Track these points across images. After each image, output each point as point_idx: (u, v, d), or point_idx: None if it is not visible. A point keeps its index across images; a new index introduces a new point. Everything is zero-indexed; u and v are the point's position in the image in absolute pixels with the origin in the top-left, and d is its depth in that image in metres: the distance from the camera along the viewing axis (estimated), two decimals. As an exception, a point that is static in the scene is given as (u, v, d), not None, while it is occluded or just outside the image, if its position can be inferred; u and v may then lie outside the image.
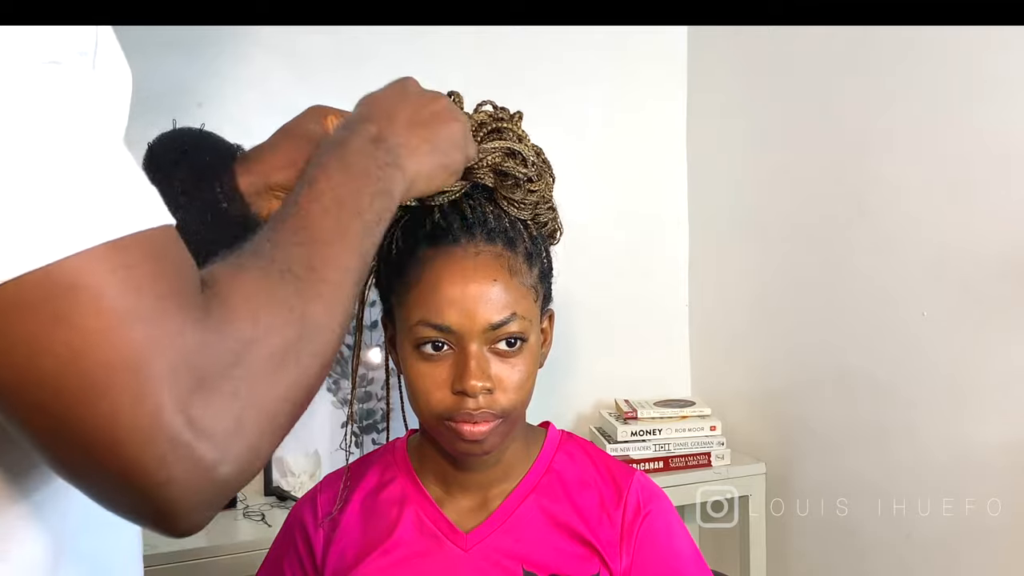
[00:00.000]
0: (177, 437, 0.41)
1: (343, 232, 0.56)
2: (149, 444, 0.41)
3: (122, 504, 0.44)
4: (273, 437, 0.48)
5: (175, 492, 0.42)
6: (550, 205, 0.90)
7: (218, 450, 0.43)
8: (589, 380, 1.99)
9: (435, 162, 0.70)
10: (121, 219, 0.42)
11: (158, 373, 0.41)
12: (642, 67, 2.04)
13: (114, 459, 0.41)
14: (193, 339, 0.43)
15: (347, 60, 1.78)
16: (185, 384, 0.42)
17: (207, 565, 1.46)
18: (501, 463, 0.89)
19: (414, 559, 0.87)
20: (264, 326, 0.47)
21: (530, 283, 0.85)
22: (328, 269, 0.53)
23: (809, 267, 1.75)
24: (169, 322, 0.42)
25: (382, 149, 0.64)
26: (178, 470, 0.42)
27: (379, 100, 0.70)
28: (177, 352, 0.42)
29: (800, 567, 1.80)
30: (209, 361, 0.43)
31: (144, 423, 0.40)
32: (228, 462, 0.44)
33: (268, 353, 0.47)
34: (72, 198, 0.41)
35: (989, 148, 1.38)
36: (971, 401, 1.43)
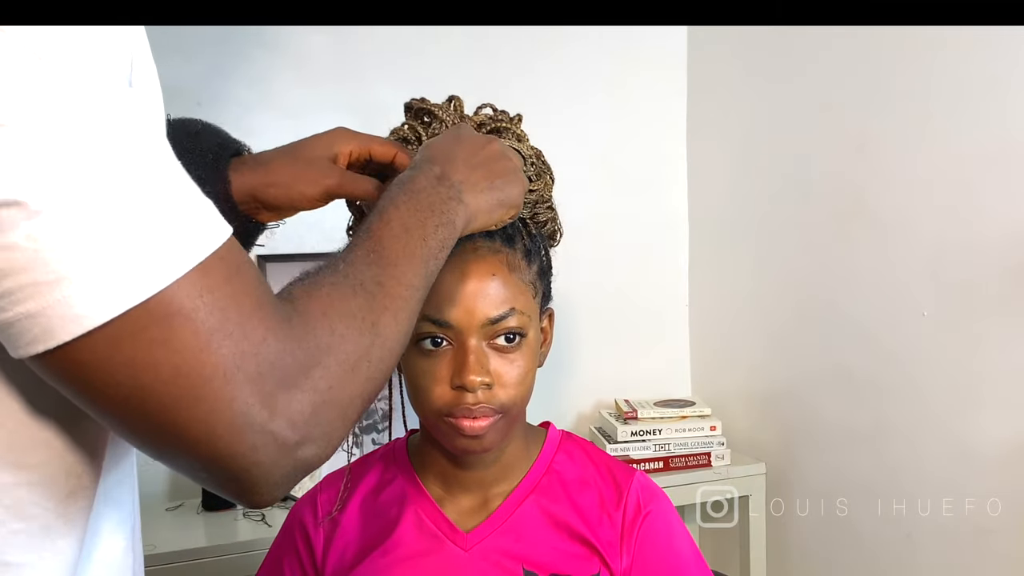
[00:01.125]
0: (264, 429, 0.48)
1: (410, 255, 0.63)
2: (241, 437, 0.48)
3: (214, 482, 0.51)
4: (344, 427, 0.55)
5: (261, 472, 0.49)
6: (549, 205, 0.90)
7: (298, 434, 0.50)
8: (589, 380, 2.00)
9: (493, 198, 0.75)
10: (200, 243, 0.47)
11: (246, 379, 0.47)
12: (642, 67, 2.04)
13: (211, 452, 0.48)
14: (276, 347, 0.49)
15: (347, 60, 1.78)
16: (270, 385, 0.48)
17: (207, 565, 1.46)
18: (501, 462, 0.90)
19: (414, 559, 0.87)
20: (339, 335, 0.54)
21: (528, 279, 0.86)
22: (396, 286, 0.60)
23: (809, 267, 1.75)
24: (253, 334, 0.48)
25: (444, 186, 0.70)
26: (264, 456, 0.49)
27: (439, 145, 0.76)
28: (262, 359, 0.48)
29: (800, 567, 1.80)
30: (290, 364, 0.50)
31: (237, 421, 0.47)
32: (306, 447, 0.51)
33: (343, 358, 0.54)
34: (159, 231, 0.46)
35: (989, 148, 1.38)
36: (971, 401, 1.43)
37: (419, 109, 0.88)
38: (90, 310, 0.43)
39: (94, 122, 0.44)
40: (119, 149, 0.45)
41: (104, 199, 0.44)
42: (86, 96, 0.44)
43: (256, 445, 0.48)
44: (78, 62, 0.44)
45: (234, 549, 1.49)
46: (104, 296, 0.43)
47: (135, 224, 0.45)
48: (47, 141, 0.43)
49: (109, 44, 0.47)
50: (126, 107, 0.46)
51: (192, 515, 1.62)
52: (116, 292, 0.44)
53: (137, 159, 0.46)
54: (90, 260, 0.43)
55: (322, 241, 1.76)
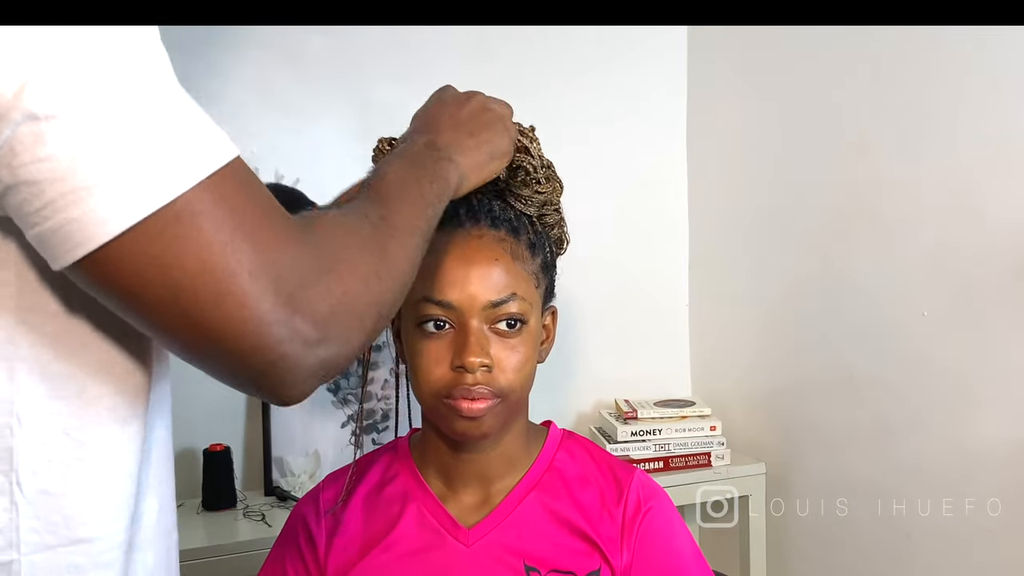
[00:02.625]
0: (287, 324, 0.52)
1: (409, 200, 0.67)
2: (268, 330, 0.51)
3: (245, 377, 0.54)
4: (361, 332, 0.58)
5: (288, 364, 0.53)
6: (556, 208, 0.91)
7: (319, 332, 0.53)
8: (589, 380, 2.00)
9: (482, 153, 0.79)
10: (215, 155, 0.51)
11: (268, 277, 0.51)
12: (642, 67, 2.04)
13: (241, 345, 0.51)
14: (292, 251, 0.53)
15: (347, 60, 1.78)
16: (290, 285, 0.52)
17: (207, 565, 1.46)
18: (502, 456, 0.90)
19: (416, 555, 0.87)
20: (352, 250, 0.58)
21: (532, 270, 0.87)
22: (399, 220, 0.65)
23: (809, 267, 1.75)
24: (271, 237, 0.52)
25: (433, 149, 0.75)
26: (289, 348, 0.52)
27: (424, 114, 0.81)
28: (281, 261, 0.52)
29: (800, 567, 1.80)
30: (306, 267, 0.53)
31: (263, 316, 0.51)
32: (327, 342, 0.54)
33: (355, 269, 0.57)
34: (179, 141, 0.50)
35: (988, 147, 1.38)
36: (971, 401, 1.43)
37: None
38: (121, 213, 0.47)
39: (124, 48, 0.50)
40: (144, 74, 0.50)
41: (131, 113, 0.48)
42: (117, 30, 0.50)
43: (282, 338, 0.51)
44: None
45: (234, 549, 1.49)
46: (133, 199, 0.47)
47: (158, 135, 0.49)
48: (83, 63, 0.47)
49: None
50: (149, 44, 0.52)
51: (192, 515, 1.62)
52: (143, 195, 0.48)
53: (158, 84, 0.51)
54: (120, 167, 0.47)
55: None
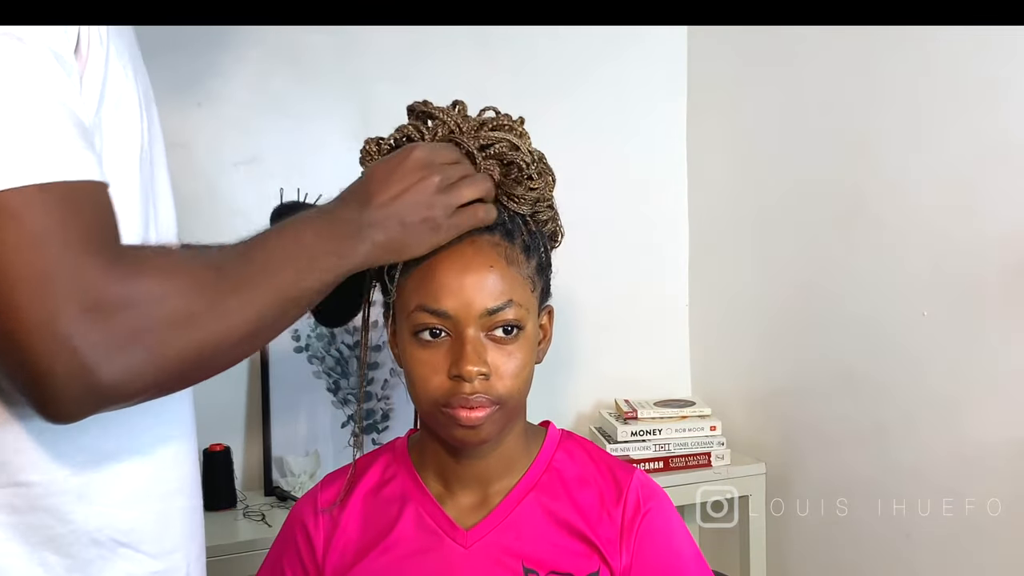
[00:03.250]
0: (65, 340, 0.52)
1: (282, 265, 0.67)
2: (42, 340, 0.51)
3: (16, 386, 0.55)
4: (156, 375, 0.58)
5: (56, 383, 0.53)
6: (549, 204, 0.91)
7: (97, 360, 0.53)
8: (589, 380, 2.00)
9: (403, 245, 0.78)
10: (51, 168, 0.52)
11: (59, 290, 0.52)
12: (642, 67, 2.04)
13: (13, 346, 0.52)
14: (95, 274, 0.53)
15: (347, 60, 1.78)
16: (81, 304, 0.52)
17: (207, 565, 1.45)
18: (501, 458, 0.90)
19: (415, 556, 0.87)
20: (173, 289, 0.58)
21: (527, 274, 0.86)
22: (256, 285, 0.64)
23: (809, 267, 1.75)
24: (77, 255, 0.52)
25: (355, 224, 0.75)
26: (61, 367, 0.52)
27: (374, 175, 0.79)
28: (78, 279, 0.52)
29: (800, 567, 1.80)
30: (106, 295, 0.53)
31: (42, 325, 0.51)
32: (106, 372, 0.54)
33: (170, 310, 0.57)
34: (18, 143, 0.51)
35: (989, 148, 1.38)
36: (971, 401, 1.43)
37: (421, 112, 0.89)
38: None
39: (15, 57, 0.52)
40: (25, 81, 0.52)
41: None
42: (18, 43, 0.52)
43: (55, 353, 0.52)
44: None
45: (234, 549, 1.49)
46: None
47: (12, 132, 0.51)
48: None
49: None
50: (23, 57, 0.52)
51: (192, 515, 1.62)
52: None
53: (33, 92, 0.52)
54: None
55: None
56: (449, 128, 0.87)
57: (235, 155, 1.70)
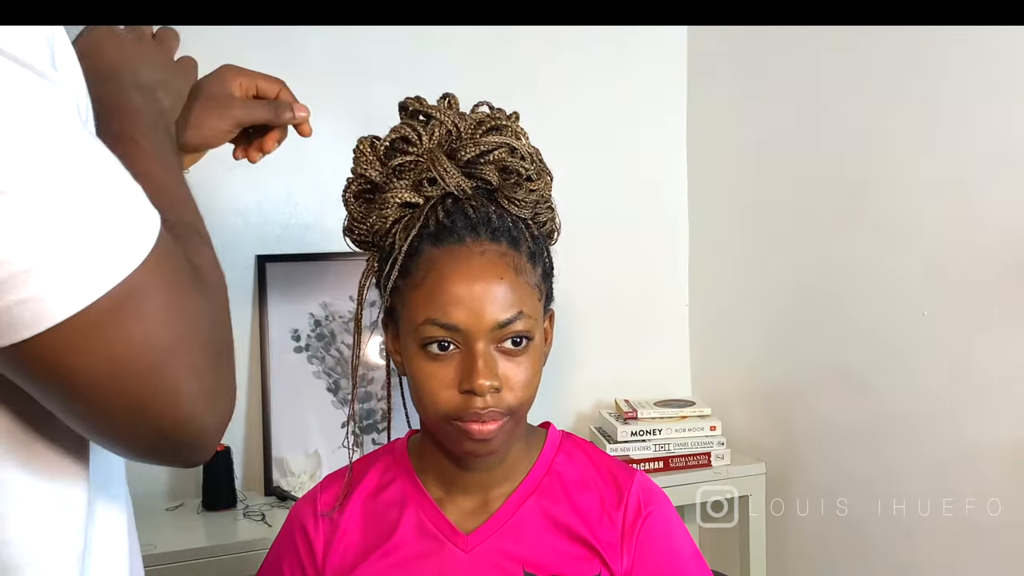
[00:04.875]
0: (209, 391, 0.53)
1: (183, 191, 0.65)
2: (197, 400, 0.52)
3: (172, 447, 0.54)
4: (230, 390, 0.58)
5: (208, 435, 0.54)
6: (549, 204, 0.90)
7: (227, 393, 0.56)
8: (589, 380, 2.00)
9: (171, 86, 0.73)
10: (149, 228, 0.51)
11: (194, 346, 0.52)
12: (642, 67, 2.04)
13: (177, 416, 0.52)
14: (205, 315, 0.54)
15: (347, 60, 1.77)
16: (209, 350, 0.53)
17: (207, 565, 1.46)
18: (502, 462, 0.89)
19: (415, 561, 0.87)
20: (214, 286, 0.58)
21: (534, 282, 0.86)
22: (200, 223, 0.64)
23: (809, 267, 1.75)
24: (192, 305, 0.52)
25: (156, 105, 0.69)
26: (210, 419, 0.54)
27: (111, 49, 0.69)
28: (201, 328, 0.53)
29: (800, 567, 1.80)
30: (214, 329, 0.54)
31: (195, 386, 0.52)
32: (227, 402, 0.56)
33: (222, 304, 0.59)
34: (121, 220, 0.49)
35: (989, 148, 1.38)
36: (971, 401, 1.43)
37: (415, 110, 0.88)
38: (74, 294, 0.47)
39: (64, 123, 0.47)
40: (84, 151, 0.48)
41: (75, 194, 0.47)
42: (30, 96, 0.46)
43: (207, 408, 0.53)
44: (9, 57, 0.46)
45: (234, 549, 1.49)
46: (84, 282, 0.47)
47: (104, 216, 0.48)
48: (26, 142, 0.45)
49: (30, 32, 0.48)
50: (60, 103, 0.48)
51: (192, 515, 1.62)
52: (94, 278, 0.47)
53: (84, 156, 0.48)
54: (68, 250, 0.46)
55: (322, 241, 1.76)
56: (447, 128, 0.86)
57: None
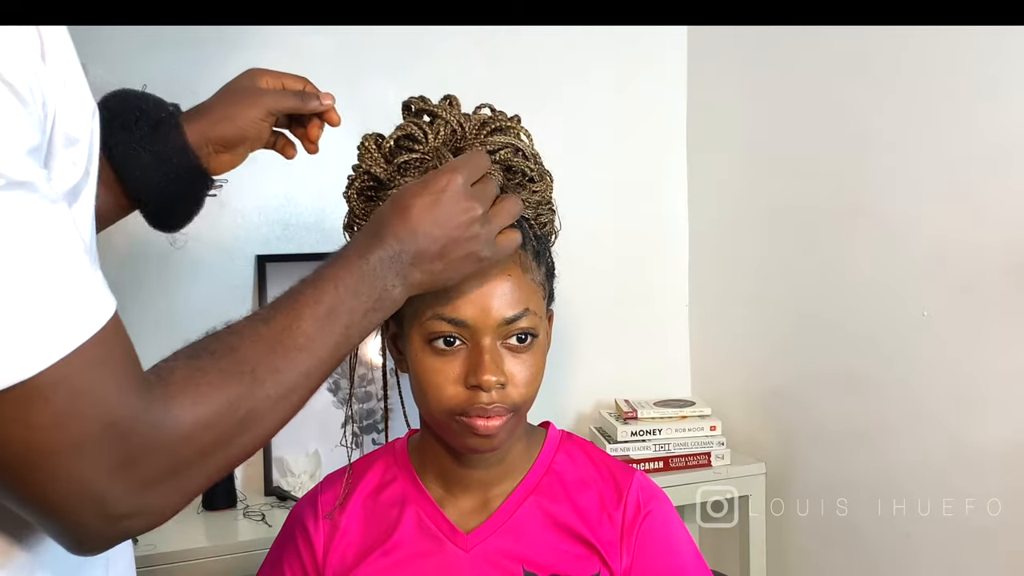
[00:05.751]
0: (95, 501, 0.52)
1: (323, 342, 0.64)
2: (71, 505, 0.52)
3: (48, 531, 0.55)
4: (181, 505, 0.58)
5: (87, 533, 0.54)
6: (550, 206, 0.91)
7: (128, 510, 0.54)
8: (589, 380, 1.99)
9: (444, 276, 0.75)
10: (74, 330, 0.50)
11: (89, 456, 0.51)
12: (642, 67, 2.04)
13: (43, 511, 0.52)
14: (125, 429, 0.52)
15: (347, 60, 1.77)
16: (112, 462, 0.52)
17: (207, 565, 1.46)
18: (502, 461, 0.90)
19: (415, 560, 0.87)
20: (203, 425, 0.56)
21: (539, 280, 0.86)
22: (292, 372, 0.62)
23: (809, 267, 1.75)
24: (106, 416, 0.51)
25: (397, 266, 0.71)
26: (90, 521, 0.53)
27: (412, 207, 0.73)
28: (110, 440, 0.51)
29: (800, 567, 1.80)
30: (138, 445, 0.53)
31: (71, 491, 0.51)
32: (135, 519, 0.55)
33: (199, 447, 0.56)
34: (36, 321, 0.49)
35: (989, 148, 1.38)
36: (971, 401, 1.43)
37: (419, 109, 0.88)
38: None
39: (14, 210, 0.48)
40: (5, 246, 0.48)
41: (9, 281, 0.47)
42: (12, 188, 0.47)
43: (86, 512, 0.52)
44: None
45: (234, 549, 1.49)
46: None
47: (15, 312, 0.48)
48: None
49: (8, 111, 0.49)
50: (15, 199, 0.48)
51: (192, 515, 1.62)
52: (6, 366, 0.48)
53: (19, 255, 0.48)
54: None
55: (322, 241, 1.76)
56: (452, 128, 0.86)
57: (235, 155, 1.70)
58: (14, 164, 0.49)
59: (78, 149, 0.56)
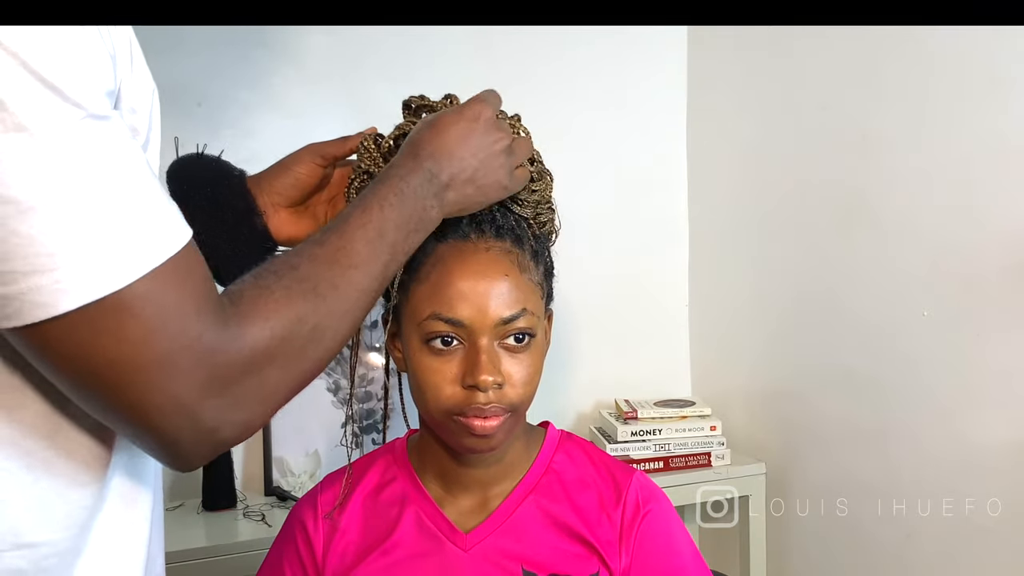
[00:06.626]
0: (188, 416, 0.56)
1: (375, 260, 0.69)
2: (166, 420, 0.55)
3: (145, 447, 0.59)
4: (266, 416, 0.62)
5: (182, 448, 0.58)
6: (550, 205, 0.91)
7: (218, 424, 0.57)
8: (589, 380, 2.00)
9: (474, 200, 0.80)
10: (153, 251, 0.54)
11: (177, 372, 0.54)
12: (642, 67, 2.04)
13: (141, 427, 0.56)
14: (209, 347, 0.55)
15: (347, 60, 1.78)
16: (200, 378, 0.55)
17: (207, 565, 1.46)
18: (501, 461, 0.90)
19: (414, 559, 0.87)
20: (278, 338, 0.60)
21: (537, 280, 0.86)
22: (350, 289, 0.67)
23: (809, 267, 1.75)
24: (190, 333, 0.54)
25: (435, 187, 0.76)
26: (186, 436, 0.57)
27: (448, 134, 0.78)
28: (195, 357, 0.55)
29: (800, 567, 1.80)
30: (221, 364, 0.56)
31: (164, 407, 0.55)
32: (227, 430, 0.58)
33: (278, 359, 0.60)
34: (121, 238, 0.52)
35: (989, 147, 1.38)
36: (971, 401, 1.43)
37: (419, 107, 0.88)
38: (56, 301, 0.50)
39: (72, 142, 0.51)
40: (93, 169, 0.52)
41: (78, 208, 0.51)
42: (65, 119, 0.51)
43: (180, 427, 0.56)
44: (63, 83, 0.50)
45: (234, 549, 1.49)
46: (69, 290, 0.50)
47: (102, 230, 0.52)
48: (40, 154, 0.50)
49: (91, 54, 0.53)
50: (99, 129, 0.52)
51: (192, 515, 1.62)
52: (79, 288, 0.51)
53: (105, 176, 0.52)
54: (63, 258, 0.50)
55: (322, 241, 1.75)
56: None
57: (236, 155, 1.69)
58: (95, 100, 0.52)
59: (139, 118, 0.60)
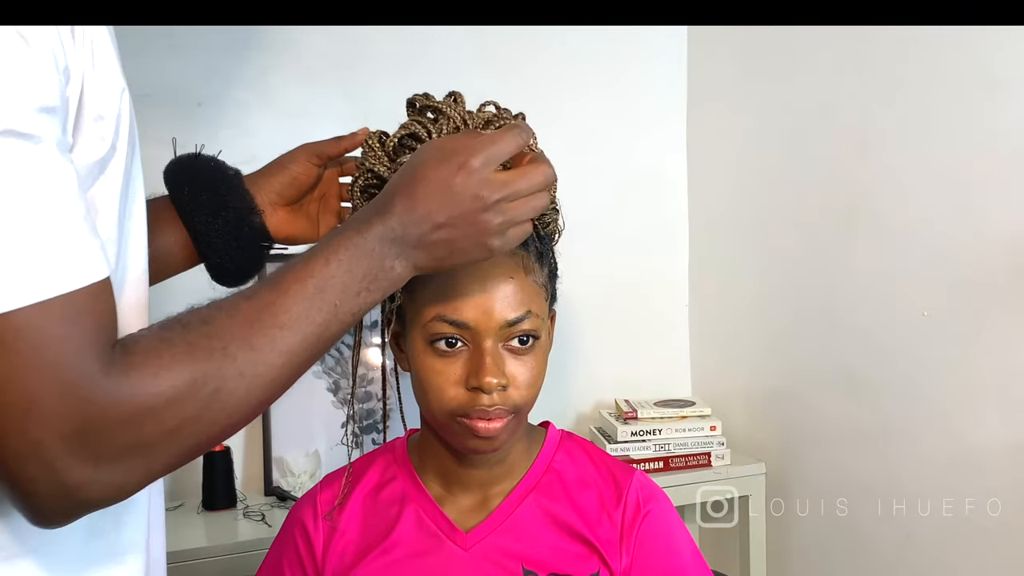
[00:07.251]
0: (48, 466, 0.51)
1: (308, 321, 0.61)
2: (23, 467, 0.51)
3: (7, 499, 0.54)
4: (143, 482, 0.57)
5: (38, 501, 0.53)
6: (554, 206, 0.90)
7: (83, 480, 0.52)
8: (589, 380, 2.00)
9: (451, 262, 0.71)
10: (52, 282, 0.50)
11: (44, 416, 0.50)
12: (642, 67, 2.04)
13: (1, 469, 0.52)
14: (85, 396, 0.51)
15: (347, 60, 1.77)
16: (68, 428, 0.51)
17: (207, 565, 1.46)
18: (502, 461, 0.90)
19: (414, 558, 0.87)
20: (165, 399, 0.54)
21: (541, 282, 0.86)
22: (271, 351, 0.59)
23: (809, 267, 1.75)
24: (66, 378, 0.50)
25: (398, 247, 0.67)
26: (43, 488, 0.52)
27: (426, 191, 0.68)
28: (66, 401, 0.51)
29: (800, 567, 1.80)
30: (95, 413, 0.52)
31: (22, 451, 0.51)
32: (90, 490, 0.53)
33: (162, 423, 0.55)
34: (11, 261, 0.49)
35: (989, 147, 1.38)
36: (971, 401, 1.43)
37: (423, 106, 0.88)
38: None
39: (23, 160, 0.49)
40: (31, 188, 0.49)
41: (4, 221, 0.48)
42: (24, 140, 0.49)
43: (36, 478, 0.51)
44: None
45: (234, 549, 1.49)
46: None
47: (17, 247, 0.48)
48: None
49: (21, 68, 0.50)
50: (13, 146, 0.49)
51: (192, 515, 1.62)
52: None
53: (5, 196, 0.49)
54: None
55: (322, 241, 1.75)
56: (455, 125, 0.86)
57: (235, 155, 1.69)
58: (19, 116, 0.49)
59: (105, 124, 0.57)
